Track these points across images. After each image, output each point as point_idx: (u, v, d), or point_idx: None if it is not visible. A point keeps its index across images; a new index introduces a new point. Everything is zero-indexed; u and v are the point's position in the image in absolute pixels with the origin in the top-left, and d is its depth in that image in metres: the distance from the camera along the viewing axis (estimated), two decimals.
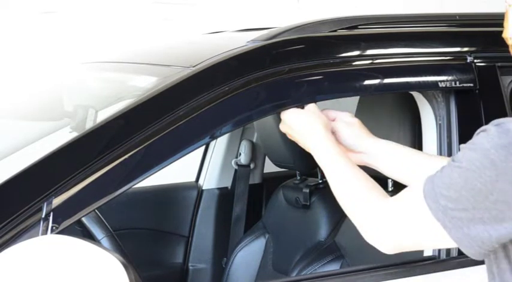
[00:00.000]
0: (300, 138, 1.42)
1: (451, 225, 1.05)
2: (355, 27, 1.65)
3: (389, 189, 1.87)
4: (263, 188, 2.75)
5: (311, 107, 1.44)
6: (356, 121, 1.48)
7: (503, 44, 1.16)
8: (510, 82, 1.67)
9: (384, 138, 1.48)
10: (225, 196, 2.66)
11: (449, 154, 1.58)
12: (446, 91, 1.60)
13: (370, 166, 1.48)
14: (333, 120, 1.48)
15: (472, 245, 1.04)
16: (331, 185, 1.32)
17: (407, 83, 1.61)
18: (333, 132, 1.46)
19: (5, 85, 3.28)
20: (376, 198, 1.22)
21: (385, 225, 1.17)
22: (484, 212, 1.02)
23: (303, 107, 1.44)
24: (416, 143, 1.74)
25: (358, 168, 1.32)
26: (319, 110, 1.44)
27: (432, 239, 1.11)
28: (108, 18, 3.58)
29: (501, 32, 1.15)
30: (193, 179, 2.72)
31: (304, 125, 1.41)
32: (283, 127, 1.45)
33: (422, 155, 1.46)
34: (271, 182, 2.65)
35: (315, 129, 1.39)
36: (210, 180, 2.69)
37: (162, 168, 1.34)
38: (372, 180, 1.29)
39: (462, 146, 1.08)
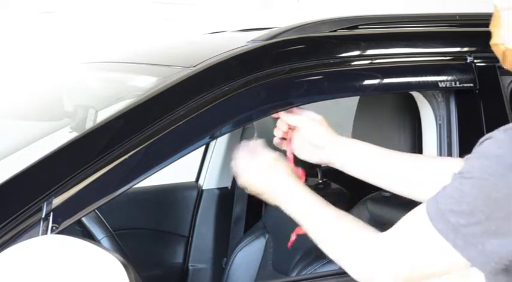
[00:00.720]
0: (268, 198, 1.37)
1: (463, 243, 1.00)
2: (355, 27, 1.65)
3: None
4: None
5: (265, 157, 1.37)
6: (320, 118, 1.46)
7: None
8: (510, 82, 1.67)
9: (384, 138, 1.48)
10: (225, 196, 2.66)
11: (449, 154, 1.58)
12: (446, 91, 1.60)
13: (333, 165, 1.45)
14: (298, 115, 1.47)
15: (488, 261, 0.99)
16: (315, 237, 1.25)
17: (407, 83, 1.61)
18: (296, 129, 1.45)
19: (5, 85, 3.28)
20: (370, 236, 1.16)
21: (387, 262, 1.10)
22: (499, 223, 0.98)
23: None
24: (416, 143, 1.74)
25: (338, 209, 1.27)
26: (275, 155, 1.38)
27: (443, 264, 1.04)
28: (108, 18, 3.59)
29: None
30: (193, 179, 2.72)
31: (265, 185, 1.36)
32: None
33: (392, 154, 1.42)
34: None
35: (278, 185, 1.34)
36: (210, 180, 2.69)
37: (162, 168, 1.34)
38: (357, 219, 1.22)
39: (468, 156, 1.04)
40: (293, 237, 1.45)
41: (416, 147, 1.67)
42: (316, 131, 1.44)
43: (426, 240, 1.03)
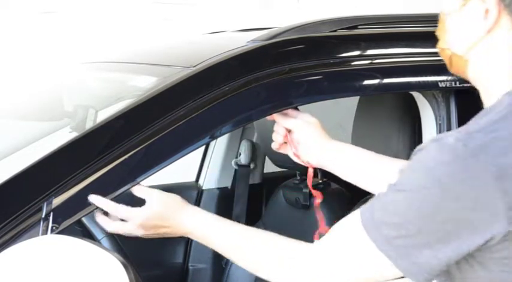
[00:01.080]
0: (167, 232, 1.32)
1: (395, 254, 1.00)
2: (355, 27, 1.65)
3: None
4: (263, 188, 2.75)
5: (150, 207, 1.31)
6: (315, 121, 1.47)
7: None
8: None
9: (384, 138, 1.48)
10: (225, 196, 2.66)
11: None
12: (446, 91, 1.60)
13: (325, 168, 1.46)
14: (294, 118, 1.48)
15: (421, 272, 0.99)
16: (234, 257, 1.24)
17: (407, 83, 1.61)
18: (291, 131, 1.46)
19: (5, 85, 3.28)
20: (301, 248, 1.15)
21: (321, 274, 1.09)
22: (430, 235, 0.97)
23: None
24: (416, 143, 1.74)
25: (249, 227, 1.25)
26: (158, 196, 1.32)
27: (378, 274, 1.04)
28: (108, 18, 3.58)
29: None
30: (193, 179, 2.72)
31: (159, 222, 1.30)
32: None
33: (384, 159, 1.42)
34: (271, 182, 2.65)
35: (175, 219, 1.29)
36: (210, 180, 2.69)
37: (162, 168, 1.34)
38: (277, 234, 1.21)
39: (401, 168, 1.04)
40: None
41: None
42: (310, 134, 1.45)
43: (361, 250, 1.03)
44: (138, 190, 1.32)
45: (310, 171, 1.49)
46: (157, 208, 1.30)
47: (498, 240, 0.96)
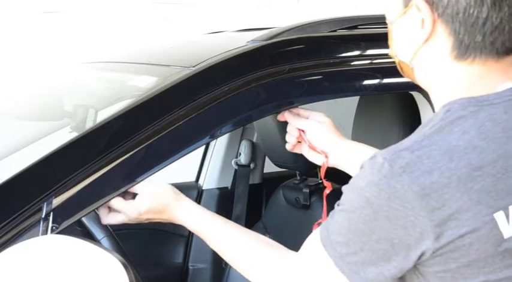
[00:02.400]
0: (162, 217, 1.35)
1: (348, 270, 1.02)
2: (355, 27, 1.65)
3: None
4: (263, 188, 2.75)
5: (144, 191, 1.32)
6: (327, 120, 1.48)
7: None
8: None
9: (384, 138, 1.48)
10: (225, 196, 2.66)
11: None
12: None
13: (338, 167, 1.47)
14: (306, 118, 1.49)
15: None
16: (226, 254, 1.28)
17: (407, 83, 1.61)
18: (304, 131, 1.47)
19: (5, 85, 3.28)
20: (281, 257, 1.20)
21: None
22: (371, 253, 1.00)
23: None
24: None
25: (245, 228, 1.30)
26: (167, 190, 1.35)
27: None
28: (108, 18, 3.59)
29: None
30: (193, 179, 2.72)
31: (156, 206, 1.33)
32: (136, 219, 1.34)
33: None
34: (271, 182, 2.65)
35: (172, 206, 1.33)
36: (210, 180, 2.68)
37: (162, 168, 1.34)
38: (266, 238, 1.27)
39: (344, 187, 1.05)
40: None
41: None
42: (323, 134, 1.46)
43: (323, 266, 1.05)
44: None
45: (325, 162, 1.49)
46: (149, 203, 1.32)
47: (429, 256, 0.98)
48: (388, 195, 0.97)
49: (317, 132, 1.47)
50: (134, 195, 1.33)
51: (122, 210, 1.33)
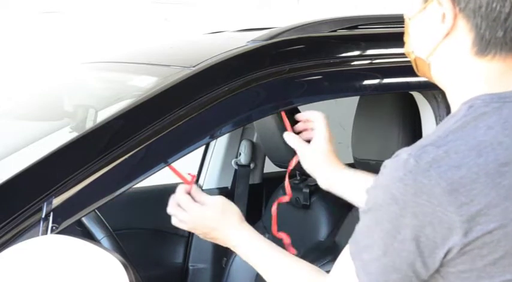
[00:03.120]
0: (220, 242, 1.37)
1: (368, 280, 0.99)
2: (355, 27, 1.65)
3: None
4: (263, 188, 2.75)
5: (213, 203, 1.37)
6: (324, 148, 1.48)
7: None
8: None
9: (384, 138, 1.48)
10: (225, 196, 2.64)
11: None
12: None
13: (331, 191, 1.48)
14: (306, 121, 1.51)
15: None
16: (268, 277, 1.28)
17: (407, 83, 1.61)
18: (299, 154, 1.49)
19: (5, 85, 3.28)
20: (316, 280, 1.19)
21: None
22: (394, 257, 0.97)
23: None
24: None
25: (287, 253, 1.29)
26: (222, 200, 1.40)
27: None
28: (108, 18, 3.58)
29: None
30: None
31: (217, 232, 1.35)
32: (180, 225, 1.38)
33: None
34: (271, 182, 2.65)
35: (230, 232, 1.34)
36: (210, 180, 2.68)
37: (162, 168, 1.34)
38: (304, 261, 1.26)
39: (367, 188, 1.03)
40: (274, 207, 1.52)
41: None
42: (316, 164, 1.48)
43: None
44: (197, 193, 1.38)
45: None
46: (215, 213, 1.36)
47: (455, 253, 0.96)
48: (414, 191, 0.95)
49: (309, 161, 1.48)
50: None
51: (186, 208, 1.35)
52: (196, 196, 1.37)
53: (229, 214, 1.37)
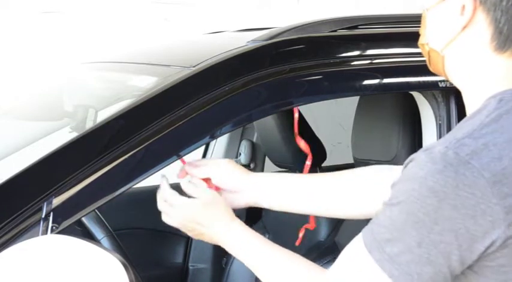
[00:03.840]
0: (204, 232, 1.32)
1: (398, 273, 0.96)
2: (355, 27, 1.65)
3: None
4: None
5: (203, 198, 1.33)
6: (226, 161, 1.45)
7: None
8: None
9: (384, 138, 1.48)
10: None
11: None
12: (446, 91, 1.60)
13: (256, 205, 1.44)
14: (206, 165, 1.44)
15: None
16: (263, 276, 1.23)
17: (407, 83, 1.61)
18: (209, 179, 1.42)
19: (5, 85, 3.28)
20: (316, 277, 1.15)
21: None
22: (430, 249, 0.94)
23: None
24: (417, 144, 1.74)
25: (281, 248, 1.25)
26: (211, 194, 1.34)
27: None
28: (108, 18, 3.58)
29: None
30: None
31: (206, 227, 1.31)
32: (170, 221, 1.35)
33: (315, 177, 1.42)
34: None
35: (221, 221, 1.30)
36: None
37: (162, 168, 1.34)
38: (301, 257, 1.21)
39: (394, 182, 1.00)
40: (301, 234, 1.46)
41: (416, 147, 1.67)
42: (229, 175, 1.42)
43: (368, 274, 0.99)
44: (188, 187, 1.35)
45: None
46: (204, 206, 1.31)
47: (497, 246, 0.95)
48: (456, 183, 0.93)
49: (222, 176, 1.42)
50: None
51: (173, 203, 1.33)
52: (189, 190, 1.34)
53: (221, 210, 1.32)
